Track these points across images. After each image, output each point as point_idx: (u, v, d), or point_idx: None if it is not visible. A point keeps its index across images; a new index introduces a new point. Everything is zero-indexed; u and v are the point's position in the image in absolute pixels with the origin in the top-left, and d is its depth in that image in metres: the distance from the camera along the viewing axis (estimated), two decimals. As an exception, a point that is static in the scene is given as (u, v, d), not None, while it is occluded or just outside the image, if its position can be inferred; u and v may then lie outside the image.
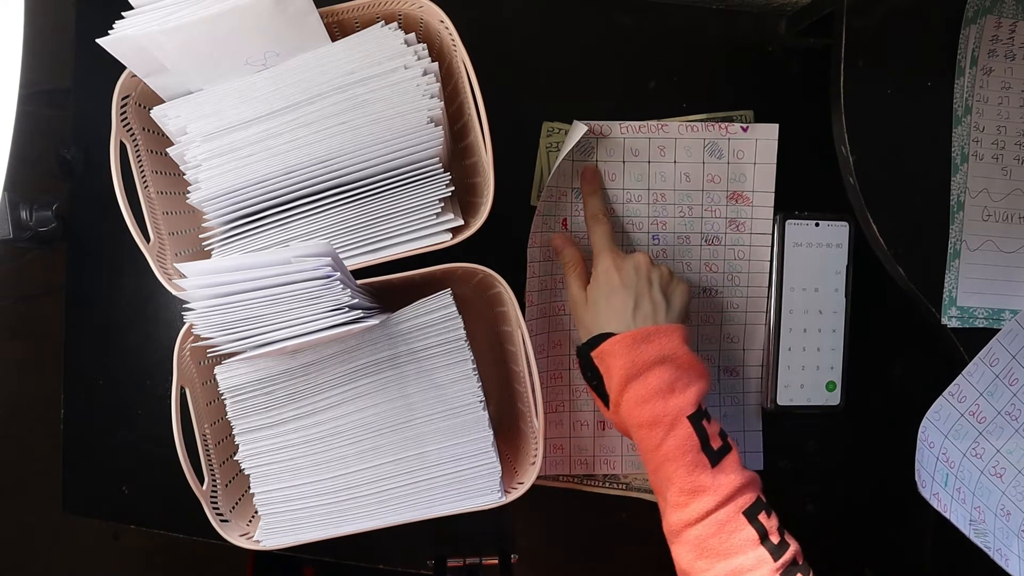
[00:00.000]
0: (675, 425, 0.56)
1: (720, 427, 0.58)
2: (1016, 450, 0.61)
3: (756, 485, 0.58)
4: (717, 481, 0.55)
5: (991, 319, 0.64)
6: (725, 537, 0.55)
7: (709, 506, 0.55)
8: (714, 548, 0.55)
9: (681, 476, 0.56)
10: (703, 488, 0.56)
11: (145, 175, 0.59)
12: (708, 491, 0.55)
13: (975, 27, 0.61)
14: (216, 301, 0.50)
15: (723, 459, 0.56)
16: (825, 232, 0.71)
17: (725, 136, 0.70)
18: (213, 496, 0.60)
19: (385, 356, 0.59)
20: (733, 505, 0.55)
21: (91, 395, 0.72)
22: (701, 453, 0.56)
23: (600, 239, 0.65)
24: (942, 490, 0.63)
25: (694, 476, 0.56)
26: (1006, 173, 0.64)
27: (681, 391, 0.57)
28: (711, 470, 0.56)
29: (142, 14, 0.54)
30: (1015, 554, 0.58)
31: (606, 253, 0.63)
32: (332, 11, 0.58)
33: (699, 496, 0.56)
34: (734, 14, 0.72)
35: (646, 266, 0.62)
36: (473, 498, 0.60)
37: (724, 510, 0.55)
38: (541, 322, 0.70)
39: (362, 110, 0.57)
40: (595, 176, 0.68)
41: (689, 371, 0.58)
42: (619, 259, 0.63)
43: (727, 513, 0.55)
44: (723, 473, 0.56)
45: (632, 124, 0.69)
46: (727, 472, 0.56)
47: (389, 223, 0.58)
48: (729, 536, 0.55)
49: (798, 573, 0.55)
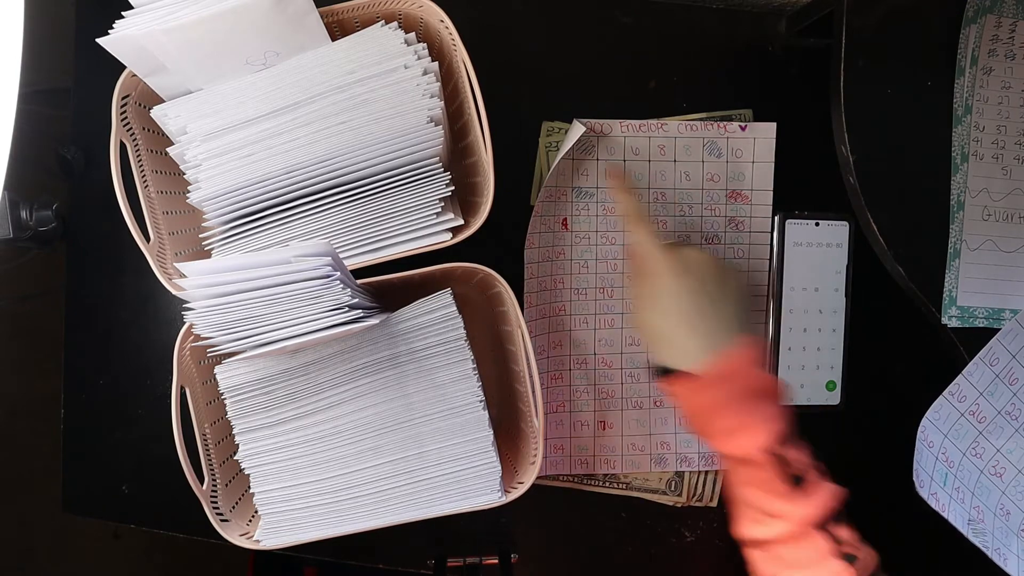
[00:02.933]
0: (748, 461, 0.55)
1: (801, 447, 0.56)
2: (1016, 449, 0.61)
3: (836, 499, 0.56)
4: (796, 507, 0.54)
5: (991, 319, 0.64)
6: (799, 549, 0.54)
7: (787, 529, 0.54)
8: (787, 559, 0.55)
9: (759, 500, 0.56)
10: (780, 514, 0.55)
11: (145, 175, 0.59)
12: (784, 517, 0.55)
13: (975, 27, 0.61)
14: (216, 301, 0.50)
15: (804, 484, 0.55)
16: (825, 232, 0.71)
17: (724, 135, 0.70)
18: (213, 496, 0.60)
19: (385, 356, 0.59)
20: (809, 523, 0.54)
21: (91, 395, 0.71)
22: (781, 483, 0.54)
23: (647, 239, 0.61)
24: (940, 490, 0.63)
25: (770, 502, 0.55)
26: (1006, 173, 0.64)
27: (757, 425, 0.55)
28: (791, 496, 0.54)
29: (142, 14, 0.54)
30: (1014, 554, 0.58)
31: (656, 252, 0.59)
32: (332, 11, 0.58)
33: (776, 519, 0.55)
34: (734, 14, 0.72)
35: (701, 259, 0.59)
36: (473, 498, 0.60)
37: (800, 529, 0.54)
38: (541, 323, 0.70)
39: (362, 110, 0.57)
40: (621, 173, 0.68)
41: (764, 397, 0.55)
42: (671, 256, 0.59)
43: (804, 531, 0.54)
44: (804, 499, 0.54)
45: (632, 123, 0.69)
46: (808, 497, 0.54)
47: (389, 223, 0.58)
48: (802, 549, 0.54)
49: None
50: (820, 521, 0.54)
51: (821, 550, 0.54)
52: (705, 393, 0.56)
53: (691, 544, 0.74)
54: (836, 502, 0.56)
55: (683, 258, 0.59)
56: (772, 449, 0.55)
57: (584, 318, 0.71)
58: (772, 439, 0.55)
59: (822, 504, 0.54)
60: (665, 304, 0.58)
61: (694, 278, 0.58)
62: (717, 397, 0.56)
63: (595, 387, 0.72)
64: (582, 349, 0.71)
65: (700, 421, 0.58)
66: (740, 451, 0.55)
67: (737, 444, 0.55)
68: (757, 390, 0.56)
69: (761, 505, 0.56)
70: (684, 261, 0.59)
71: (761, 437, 0.55)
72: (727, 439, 0.56)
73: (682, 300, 0.58)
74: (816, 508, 0.54)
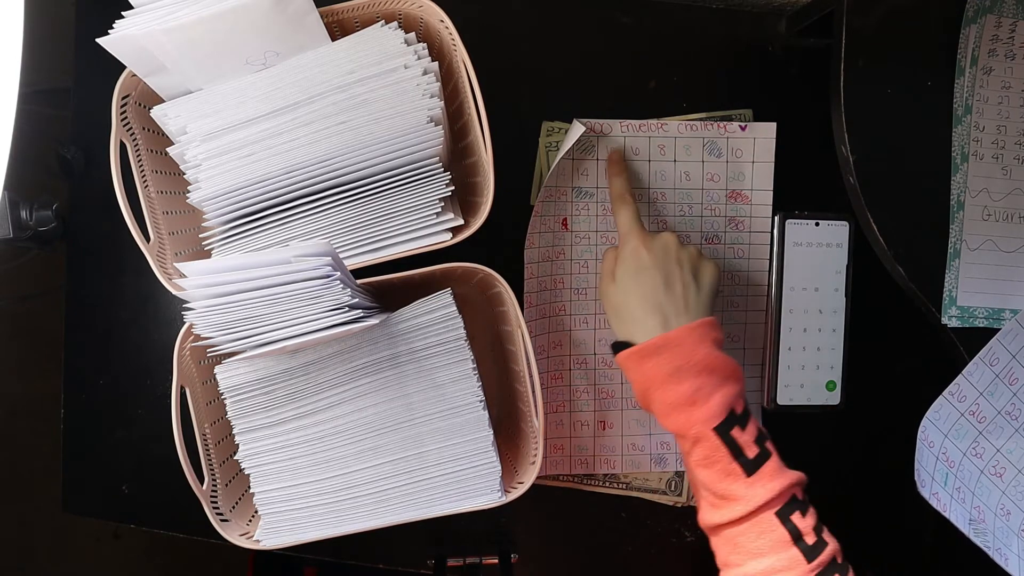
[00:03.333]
0: (700, 438, 0.55)
1: (758, 431, 0.56)
2: (1016, 449, 0.61)
3: (796, 485, 0.56)
4: (751, 491, 0.54)
5: (991, 319, 0.64)
6: (756, 537, 0.54)
7: (741, 512, 0.54)
8: (745, 547, 0.55)
9: (713, 483, 0.55)
10: (735, 496, 0.55)
11: (145, 175, 0.59)
12: (740, 500, 0.54)
13: (975, 26, 0.61)
14: (216, 301, 0.50)
15: (760, 468, 0.55)
16: (825, 232, 0.71)
17: (724, 135, 0.70)
18: (213, 496, 0.60)
19: (385, 356, 0.59)
20: (766, 509, 0.54)
21: (91, 395, 0.72)
22: (734, 462, 0.54)
23: (626, 219, 0.63)
24: (941, 490, 0.63)
25: (726, 484, 0.55)
26: (1006, 173, 0.64)
27: (703, 401, 0.55)
28: (745, 479, 0.54)
29: (142, 14, 0.54)
30: (1015, 553, 0.58)
31: (634, 233, 0.61)
32: (332, 11, 0.58)
33: (731, 503, 0.55)
34: (734, 14, 0.72)
35: (675, 246, 0.60)
36: (473, 498, 0.60)
37: (756, 515, 0.54)
38: (541, 322, 0.70)
39: (362, 109, 0.57)
40: (620, 157, 0.68)
41: (712, 375, 0.55)
42: (647, 238, 0.60)
43: (759, 517, 0.54)
44: (759, 482, 0.54)
45: (632, 123, 0.69)
46: (763, 480, 0.54)
47: (389, 223, 0.58)
48: (760, 537, 0.54)
49: (835, 573, 0.54)
50: (775, 505, 0.54)
51: (778, 537, 0.54)
52: (655, 364, 0.56)
53: (691, 544, 0.74)
54: (793, 487, 0.55)
55: (662, 242, 0.60)
56: (722, 427, 0.54)
57: (584, 318, 0.71)
58: (722, 417, 0.54)
59: (777, 488, 0.54)
60: (633, 281, 0.59)
61: (669, 261, 0.59)
62: (666, 369, 0.55)
63: (595, 387, 0.72)
64: (582, 349, 0.71)
65: (648, 394, 0.57)
66: (688, 427, 0.55)
67: (686, 419, 0.55)
68: (709, 366, 0.55)
69: (714, 487, 0.55)
70: (663, 245, 0.60)
71: (711, 414, 0.54)
72: (675, 414, 0.56)
73: (651, 279, 0.59)
74: (770, 491, 0.54)
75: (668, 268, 0.59)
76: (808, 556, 0.54)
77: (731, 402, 0.55)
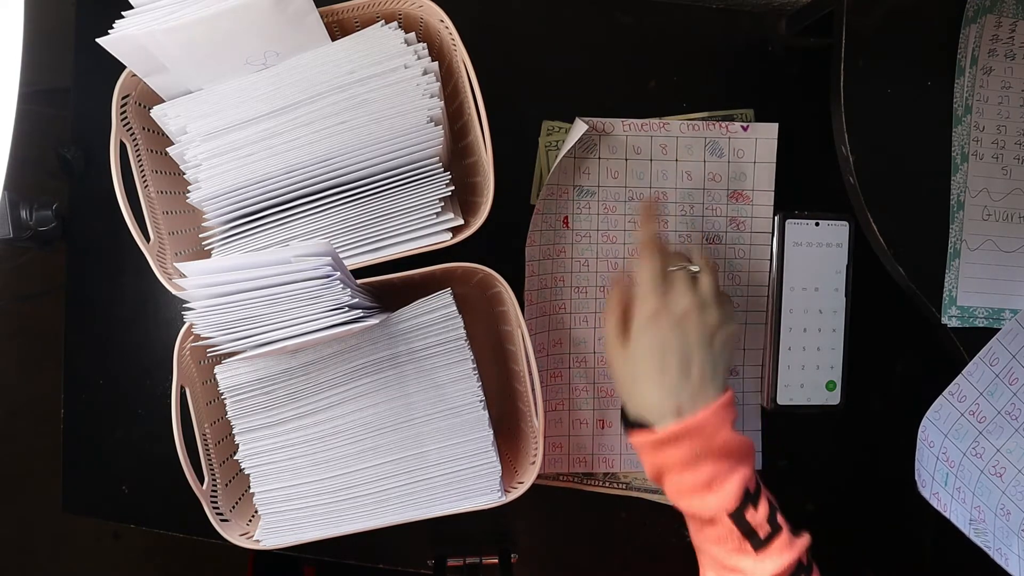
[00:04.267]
0: (714, 521, 0.53)
1: (769, 509, 0.54)
2: (1016, 449, 0.61)
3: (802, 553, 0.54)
4: (760, 566, 0.53)
5: (991, 319, 0.64)
6: None
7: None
8: None
9: (722, 557, 0.54)
10: (743, 570, 0.53)
11: (145, 175, 0.59)
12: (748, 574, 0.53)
13: (975, 26, 0.61)
14: (216, 301, 0.50)
15: (769, 544, 0.53)
16: (825, 232, 0.70)
17: (726, 135, 0.70)
18: (213, 496, 0.60)
19: (385, 356, 0.59)
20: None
21: (91, 395, 0.72)
22: (744, 541, 0.53)
23: (648, 274, 0.57)
24: (942, 490, 0.63)
25: (735, 559, 0.53)
26: (1006, 173, 0.64)
27: (719, 486, 0.53)
28: (755, 555, 0.53)
29: (142, 13, 0.54)
30: (1015, 553, 0.58)
31: (648, 296, 0.56)
32: (332, 11, 0.58)
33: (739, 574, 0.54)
34: (734, 14, 0.72)
35: (695, 311, 0.55)
36: (473, 498, 0.60)
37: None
38: (541, 321, 0.70)
39: (362, 109, 0.57)
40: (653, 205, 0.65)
41: (729, 459, 0.53)
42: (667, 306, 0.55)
43: None
44: (768, 557, 0.53)
45: (635, 122, 0.69)
46: (772, 555, 0.53)
47: (389, 223, 0.58)
48: None
49: None
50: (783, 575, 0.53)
51: None
52: (673, 451, 0.53)
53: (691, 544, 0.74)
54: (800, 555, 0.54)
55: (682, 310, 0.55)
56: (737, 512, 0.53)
57: (584, 316, 0.71)
58: (738, 503, 0.53)
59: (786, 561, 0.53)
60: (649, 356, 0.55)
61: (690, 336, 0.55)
62: (685, 455, 0.53)
63: (595, 385, 0.72)
64: (582, 348, 0.71)
65: (663, 477, 0.55)
66: (703, 511, 0.53)
67: (700, 503, 0.53)
68: (727, 451, 0.53)
69: (724, 561, 0.54)
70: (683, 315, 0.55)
71: (726, 500, 0.53)
72: (689, 497, 0.54)
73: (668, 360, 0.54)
74: (778, 565, 0.53)
75: (688, 347, 0.54)
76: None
77: (746, 484, 0.53)
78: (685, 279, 0.57)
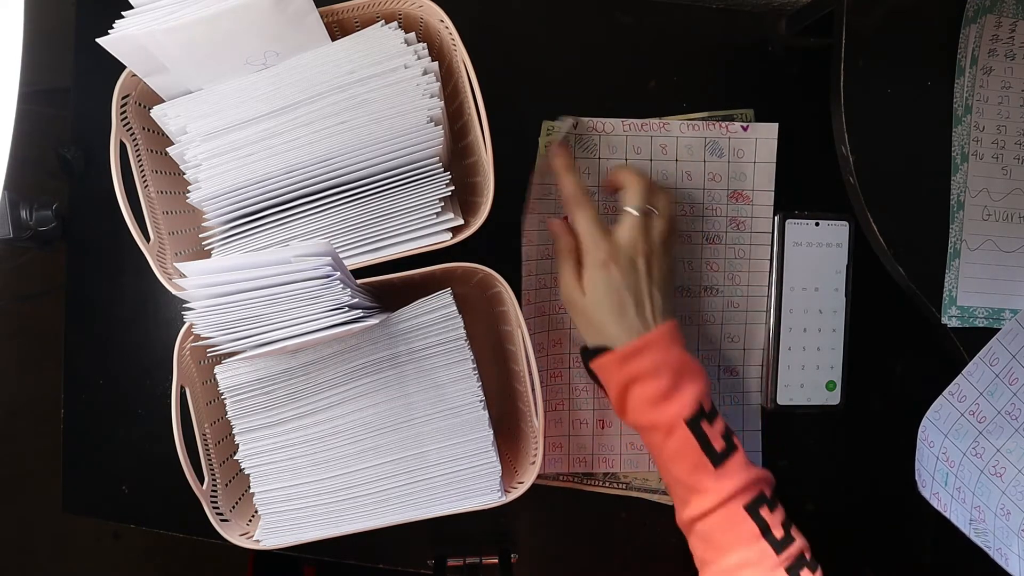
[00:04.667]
0: (673, 430, 0.58)
1: (724, 427, 0.59)
2: (1016, 449, 0.61)
3: (763, 482, 0.59)
4: (719, 483, 0.57)
5: (991, 319, 0.64)
6: (727, 531, 0.57)
7: (711, 504, 0.57)
8: (718, 541, 0.57)
9: (685, 476, 0.58)
10: (705, 488, 0.57)
11: (145, 175, 0.59)
12: (709, 491, 0.57)
13: (975, 26, 0.61)
14: (216, 301, 0.50)
15: (727, 460, 0.58)
16: (825, 232, 0.71)
17: (726, 135, 0.70)
18: (213, 496, 0.60)
19: (385, 356, 0.59)
20: (734, 503, 0.57)
21: (91, 395, 0.71)
22: (703, 454, 0.57)
23: (586, 224, 0.61)
24: (942, 490, 0.63)
25: (696, 476, 0.58)
26: (1006, 173, 0.64)
27: (677, 397, 0.58)
28: (714, 471, 0.57)
29: (142, 13, 0.54)
30: (1015, 553, 0.58)
31: (598, 242, 0.60)
32: (332, 11, 0.58)
33: (701, 495, 0.58)
34: (734, 14, 0.72)
35: (641, 250, 0.60)
36: (473, 498, 0.60)
37: (725, 507, 0.57)
38: (540, 320, 0.70)
39: (362, 109, 0.57)
40: (565, 151, 0.65)
41: (684, 373, 0.59)
42: (614, 250, 0.60)
43: (728, 510, 0.57)
44: (726, 474, 0.57)
45: (635, 122, 0.69)
46: (730, 473, 0.57)
47: (389, 223, 0.58)
48: (730, 530, 0.57)
49: (804, 568, 0.56)
50: (743, 499, 0.57)
51: (747, 531, 0.56)
52: (637, 363, 0.58)
53: (691, 544, 0.74)
54: (760, 483, 0.58)
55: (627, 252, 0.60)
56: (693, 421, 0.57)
57: (584, 318, 0.71)
58: (694, 410, 0.57)
59: (743, 480, 0.57)
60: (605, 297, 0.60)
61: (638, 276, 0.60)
62: (647, 367, 0.58)
63: (594, 385, 0.72)
64: (582, 349, 0.71)
65: (628, 391, 0.59)
66: (662, 419, 0.58)
67: (660, 413, 0.58)
68: (683, 364, 0.59)
69: (686, 480, 0.58)
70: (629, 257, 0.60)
71: (683, 407, 0.57)
72: (651, 408, 0.58)
73: (621, 298, 0.60)
74: (737, 483, 0.57)
75: (637, 285, 0.60)
76: (777, 549, 0.56)
77: (700, 398, 0.58)
78: (635, 224, 0.61)
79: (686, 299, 0.72)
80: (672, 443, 0.58)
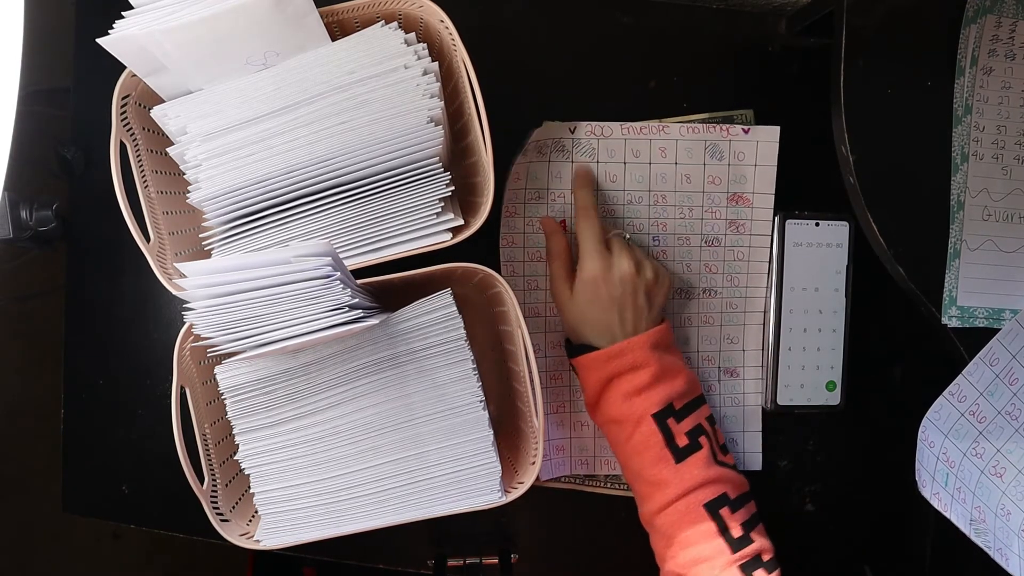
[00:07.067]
0: (640, 422, 0.60)
1: (693, 427, 0.61)
2: (1016, 450, 0.61)
3: (727, 482, 0.60)
4: (679, 475, 0.59)
5: (991, 319, 0.64)
6: (684, 526, 0.58)
7: (670, 497, 0.59)
8: (676, 537, 0.59)
9: (646, 468, 0.60)
10: (665, 481, 0.59)
11: (145, 175, 0.59)
12: (670, 484, 0.59)
13: (975, 27, 0.61)
14: (216, 301, 0.50)
15: (688, 457, 0.59)
16: (825, 232, 0.71)
17: (726, 138, 0.70)
18: (213, 496, 0.60)
19: (385, 356, 0.59)
20: (693, 497, 0.58)
21: (91, 395, 0.72)
22: (665, 449, 0.59)
23: (588, 237, 0.64)
24: (942, 490, 0.63)
25: (657, 469, 0.59)
26: (1006, 173, 0.64)
27: (647, 393, 0.60)
28: (674, 465, 0.59)
29: (142, 14, 0.54)
30: (1015, 554, 0.58)
31: (594, 256, 0.63)
32: (332, 11, 0.58)
33: (661, 488, 0.59)
34: (734, 14, 0.72)
35: (631, 278, 0.63)
36: (473, 498, 0.60)
37: (684, 501, 0.58)
38: (536, 321, 0.70)
39: (362, 110, 0.57)
40: (588, 172, 0.69)
41: (665, 374, 0.61)
42: (606, 268, 0.63)
43: (687, 504, 0.58)
44: (686, 468, 0.59)
45: (633, 125, 0.69)
46: (690, 468, 0.59)
47: (389, 223, 0.58)
48: (688, 526, 0.58)
49: (760, 568, 0.57)
50: (703, 496, 0.58)
51: (705, 528, 0.58)
52: (617, 363, 0.61)
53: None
54: (723, 483, 0.60)
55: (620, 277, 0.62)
56: (659, 415, 0.60)
57: (584, 318, 0.71)
58: (661, 407, 0.60)
59: (704, 476, 0.58)
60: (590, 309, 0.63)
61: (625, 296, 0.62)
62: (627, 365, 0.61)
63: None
64: (582, 349, 0.71)
65: (607, 386, 0.62)
66: (633, 413, 0.60)
67: (629, 406, 0.60)
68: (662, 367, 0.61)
69: (646, 473, 0.60)
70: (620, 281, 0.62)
71: (652, 402, 0.60)
72: (623, 402, 0.60)
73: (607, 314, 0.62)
74: (696, 478, 0.58)
75: (623, 301, 0.62)
76: (733, 548, 0.58)
77: (672, 397, 0.61)
78: (623, 243, 0.65)
79: (685, 301, 0.72)
80: (638, 435, 0.60)
